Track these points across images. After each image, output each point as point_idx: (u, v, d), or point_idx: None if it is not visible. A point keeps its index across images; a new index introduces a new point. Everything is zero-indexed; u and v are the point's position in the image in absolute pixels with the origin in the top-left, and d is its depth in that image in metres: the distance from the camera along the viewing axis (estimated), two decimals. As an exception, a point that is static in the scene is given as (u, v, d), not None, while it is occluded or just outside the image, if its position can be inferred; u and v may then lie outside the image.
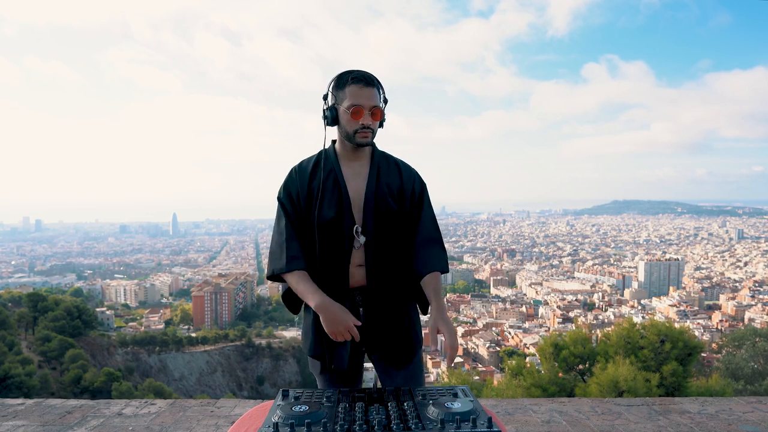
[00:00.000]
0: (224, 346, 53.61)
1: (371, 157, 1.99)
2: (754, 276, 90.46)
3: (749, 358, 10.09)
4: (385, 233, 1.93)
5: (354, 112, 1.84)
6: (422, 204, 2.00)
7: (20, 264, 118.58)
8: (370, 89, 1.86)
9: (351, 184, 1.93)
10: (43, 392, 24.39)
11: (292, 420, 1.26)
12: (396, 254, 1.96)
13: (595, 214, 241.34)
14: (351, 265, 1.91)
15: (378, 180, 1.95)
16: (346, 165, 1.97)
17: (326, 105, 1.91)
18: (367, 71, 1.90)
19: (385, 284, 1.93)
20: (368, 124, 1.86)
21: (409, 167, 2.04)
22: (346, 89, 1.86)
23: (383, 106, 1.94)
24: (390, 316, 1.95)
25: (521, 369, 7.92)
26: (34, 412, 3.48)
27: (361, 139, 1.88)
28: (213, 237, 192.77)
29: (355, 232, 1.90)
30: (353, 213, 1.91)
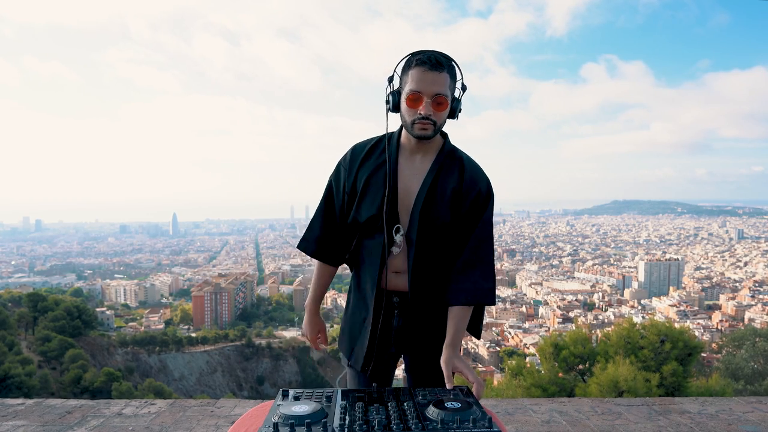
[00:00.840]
0: (224, 346, 53.63)
1: (438, 153, 1.73)
2: (754, 276, 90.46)
3: (749, 358, 10.09)
4: (433, 243, 1.71)
5: (411, 99, 1.60)
6: (479, 217, 1.71)
7: (20, 264, 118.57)
8: (435, 74, 1.58)
9: (404, 181, 1.70)
10: (43, 392, 24.40)
11: (292, 420, 1.26)
12: (441, 263, 1.74)
13: (595, 214, 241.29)
14: (389, 269, 1.73)
15: (436, 182, 1.69)
16: (405, 158, 1.73)
17: (390, 88, 1.67)
18: (441, 52, 1.62)
19: (426, 294, 1.74)
20: (428, 114, 1.60)
21: (477, 169, 1.74)
22: (410, 72, 1.61)
23: (456, 93, 1.68)
24: (427, 325, 1.78)
25: (521, 369, 7.92)
26: (34, 412, 3.48)
27: (420, 131, 1.62)
28: (213, 237, 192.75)
29: (395, 231, 1.70)
30: (399, 215, 1.70)
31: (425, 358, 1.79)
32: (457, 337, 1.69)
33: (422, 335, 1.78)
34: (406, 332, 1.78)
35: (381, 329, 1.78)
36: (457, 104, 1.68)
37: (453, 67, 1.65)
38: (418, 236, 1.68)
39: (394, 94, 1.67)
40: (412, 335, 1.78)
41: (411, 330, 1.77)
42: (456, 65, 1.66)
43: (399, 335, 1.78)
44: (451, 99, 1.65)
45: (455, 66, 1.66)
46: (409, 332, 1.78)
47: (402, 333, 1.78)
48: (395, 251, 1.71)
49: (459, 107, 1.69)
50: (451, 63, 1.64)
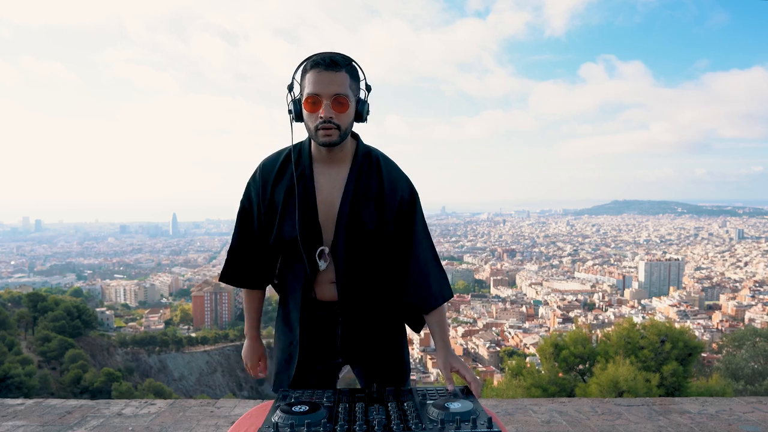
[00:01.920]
0: (224, 346, 53.64)
1: (353, 160, 1.63)
2: (754, 276, 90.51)
3: (749, 358, 10.09)
4: (360, 252, 1.64)
5: (309, 102, 1.50)
6: (413, 218, 1.66)
7: (20, 264, 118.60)
8: (331, 74, 1.48)
9: (324, 195, 1.61)
10: (43, 392, 24.39)
11: (292, 420, 1.26)
12: (374, 270, 1.69)
13: (595, 214, 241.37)
14: (321, 282, 1.66)
15: (357, 190, 1.61)
16: (320, 168, 1.63)
17: (291, 96, 1.57)
18: (339, 52, 1.52)
19: (360, 300, 1.68)
20: (328, 116, 1.49)
21: (394, 170, 1.68)
22: (307, 76, 1.51)
23: (360, 94, 1.58)
24: (370, 332, 1.72)
25: (521, 369, 7.92)
26: (33, 412, 3.48)
27: (324, 137, 1.51)
28: (213, 237, 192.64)
29: (319, 255, 1.61)
30: (323, 230, 1.61)
31: (375, 365, 1.75)
32: (446, 338, 1.69)
33: (368, 343, 1.72)
34: (350, 341, 1.70)
35: (320, 341, 1.71)
36: (363, 105, 1.58)
37: (354, 67, 1.55)
38: (346, 250, 1.61)
39: (295, 103, 1.56)
40: (357, 343, 1.71)
41: (355, 338, 1.70)
42: (357, 65, 1.56)
43: (344, 345, 1.70)
44: (356, 100, 1.56)
45: (356, 66, 1.56)
46: (354, 340, 1.70)
47: (346, 342, 1.70)
48: (322, 266, 1.62)
49: (366, 108, 1.59)
50: (351, 63, 1.54)
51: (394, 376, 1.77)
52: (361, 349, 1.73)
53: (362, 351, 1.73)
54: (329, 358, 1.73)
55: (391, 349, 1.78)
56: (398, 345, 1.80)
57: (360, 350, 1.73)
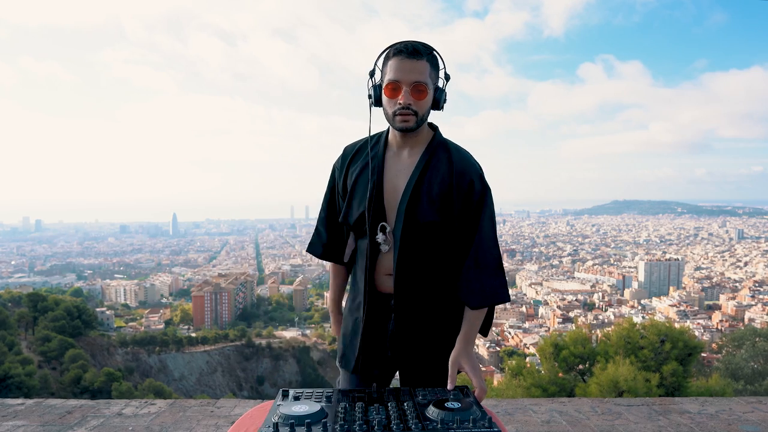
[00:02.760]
0: (224, 346, 53.62)
1: (426, 148, 1.65)
2: (754, 276, 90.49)
3: (749, 358, 10.09)
4: (420, 243, 1.63)
5: (389, 88, 1.55)
6: (480, 213, 1.62)
7: (20, 264, 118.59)
8: (413, 61, 1.53)
9: (391, 178, 1.64)
10: (43, 392, 24.39)
11: (292, 420, 1.26)
12: (432, 264, 1.67)
13: (595, 214, 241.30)
14: (380, 272, 1.68)
15: (423, 178, 1.61)
16: (393, 154, 1.67)
17: (372, 82, 1.62)
18: (421, 41, 1.56)
19: (415, 294, 1.67)
20: (407, 103, 1.53)
21: (468, 161, 1.65)
22: (389, 63, 1.56)
23: (440, 83, 1.62)
24: (422, 329, 1.69)
25: (521, 369, 7.92)
26: (34, 412, 3.48)
27: (401, 122, 1.56)
28: (213, 237, 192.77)
29: (380, 229, 1.63)
30: (386, 213, 1.64)
31: (418, 364, 1.72)
32: (469, 336, 1.64)
33: (417, 340, 1.69)
34: (401, 336, 1.69)
35: (375, 332, 1.72)
36: (441, 94, 1.62)
37: (434, 56, 1.59)
38: (403, 234, 1.61)
39: (375, 88, 1.61)
40: (406, 340, 1.69)
41: (405, 334, 1.69)
42: (437, 54, 1.60)
43: (394, 339, 1.70)
44: (434, 89, 1.60)
45: (437, 55, 1.60)
46: (404, 337, 1.69)
47: (396, 337, 1.70)
48: (383, 249, 1.65)
49: (443, 97, 1.63)
50: (432, 51, 1.58)
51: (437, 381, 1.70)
52: (409, 345, 1.70)
53: (410, 348, 1.70)
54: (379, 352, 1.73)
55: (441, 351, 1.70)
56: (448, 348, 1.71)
57: (408, 347, 1.70)
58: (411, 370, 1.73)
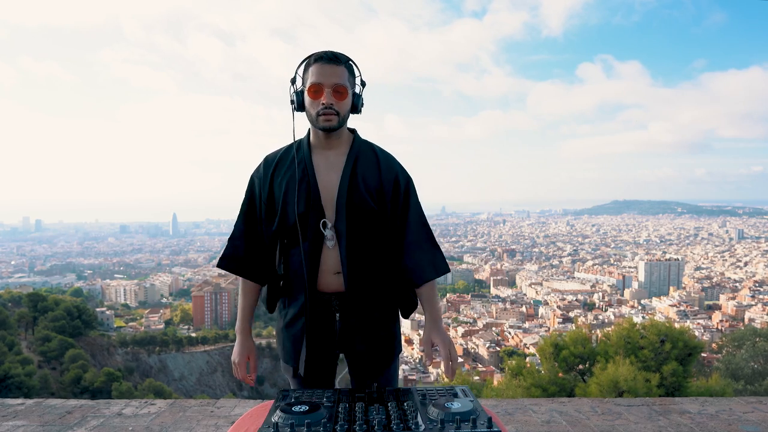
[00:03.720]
0: (224, 346, 53.58)
1: (350, 147, 1.77)
2: (754, 276, 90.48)
3: (749, 358, 10.09)
4: (362, 233, 1.73)
5: (312, 90, 1.66)
6: (408, 201, 1.78)
7: (20, 264, 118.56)
8: (333, 66, 1.66)
9: (323, 176, 1.73)
10: (43, 392, 24.39)
11: (292, 420, 1.26)
12: (376, 257, 1.77)
13: (595, 214, 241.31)
14: (325, 272, 1.73)
15: (354, 172, 1.73)
16: (319, 155, 1.76)
17: (293, 89, 1.73)
18: (338, 51, 1.70)
19: (364, 290, 1.75)
20: (329, 103, 1.65)
21: (391, 159, 1.81)
22: (310, 69, 1.69)
23: (357, 88, 1.75)
24: (368, 323, 1.78)
25: (521, 369, 7.92)
26: (34, 412, 3.48)
27: (324, 122, 1.67)
28: (213, 237, 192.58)
29: (322, 225, 1.69)
30: (325, 209, 1.71)
31: (367, 357, 1.80)
32: (435, 313, 1.77)
33: (364, 335, 1.78)
34: (348, 333, 1.76)
35: (322, 332, 1.76)
36: (358, 99, 1.76)
37: (350, 65, 1.73)
38: (348, 226, 1.70)
39: (298, 94, 1.72)
40: (354, 336, 1.77)
41: (353, 331, 1.76)
42: (354, 63, 1.74)
43: (342, 337, 1.77)
44: (352, 93, 1.73)
45: (353, 64, 1.74)
46: (351, 333, 1.76)
47: (344, 334, 1.77)
48: (329, 245, 1.71)
49: (361, 101, 1.77)
50: (349, 60, 1.72)
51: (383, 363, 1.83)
52: (357, 341, 1.78)
53: (358, 343, 1.78)
54: (327, 350, 1.79)
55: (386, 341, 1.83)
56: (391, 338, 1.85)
57: (356, 343, 1.78)
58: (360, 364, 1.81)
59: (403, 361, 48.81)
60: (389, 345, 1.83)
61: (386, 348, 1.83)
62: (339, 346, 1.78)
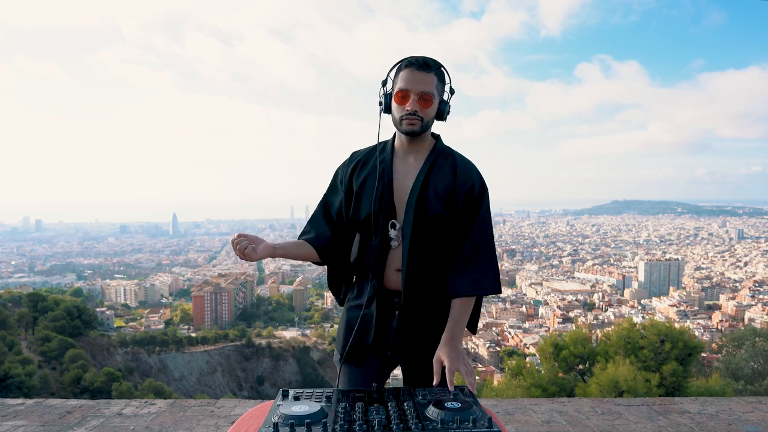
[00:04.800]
0: (224, 346, 53.63)
1: (430, 152, 1.80)
2: (754, 276, 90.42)
3: (749, 358, 10.08)
4: (428, 237, 1.75)
5: (399, 96, 1.71)
6: (478, 211, 1.76)
7: (20, 264, 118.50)
8: (422, 74, 1.69)
9: (399, 179, 1.78)
10: (43, 392, 24.38)
11: (292, 420, 1.26)
12: (440, 261, 1.78)
13: (595, 214, 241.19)
14: (388, 268, 1.77)
15: (428, 177, 1.76)
16: (400, 158, 1.81)
17: (383, 91, 1.78)
18: (431, 57, 1.74)
19: (422, 291, 1.76)
20: (414, 110, 1.69)
21: (469, 165, 1.81)
22: (400, 74, 1.73)
23: (445, 96, 1.78)
24: (427, 325, 1.78)
25: (521, 369, 7.92)
26: (34, 412, 3.48)
27: (407, 126, 1.71)
28: (213, 237, 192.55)
29: (391, 225, 1.75)
30: (396, 211, 1.76)
31: (419, 362, 1.78)
32: (453, 331, 1.72)
33: (420, 338, 1.77)
34: (405, 335, 1.77)
35: (380, 330, 1.79)
36: (445, 106, 1.78)
37: (441, 71, 1.75)
38: (413, 230, 1.72)
39: (386, 96, 1.77)
40: (409, 338, 1.77)
41: (409, 332, 1.77)
42: (445, 70, 1.77)
43: (397, 338, 1.78)
44: (439, 101, 1.75)
45: (444, 70, 1.77)
46: (408, 335, 1.77)
47: (400, 335, 1.78)
48: (393, 245, 1.75)
49: (447, 109, 1.79)
50: (440, 67, 1.75)
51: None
52: (412, 344, 1.78)
53: (413, 347, 1.78)
54: (381, 350, 1.80)
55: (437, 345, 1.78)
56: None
57: (411, 346, 1.78)
58: (412, 368, 1.79)
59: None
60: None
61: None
62: (393, 346, 1.79)
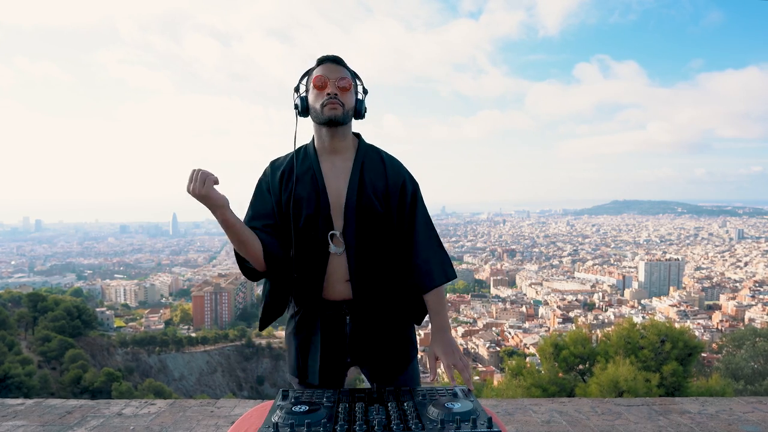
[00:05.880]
0: (224, 346, 53.62)
1: (356, 151, 1.74)
2: (754, 276, 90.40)
3: (749, 358, 10.09)
4: (371, 239, 1.69)
5: (317, 81, 1.65)
6: (415, 206, 1.73)
7: (20, 264, 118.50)
8: (337, 66, 1.67)
9: (330, 182, 1.69)
10: (43, 392, 24.38)
11: (292, 420, 1.26)
12: (384, 263, 1.73)
13: (595, 214, 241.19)
14: (333, 279, 1.69)
15: (362, 177, 1.69)
16: (326, 160, 1.72)
17: (297, 95, 1.72)
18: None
19: (372, 297, 1.72)
20: (334, 92, 1.63)
21: (397, 163, 1.77)
22: (314, 71, 1.69)
23: (359, 95, 1.73)
24: (380, 329, 1.75)
25: (521, 369, 7.92)
26: (34, 412, 3.48)
27: (330, 111, 1.62)
28: (213, 237, 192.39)
29: (330, 237, 1.66)
30: (332, 216, 1.67)
31: (384, 366, 1.77)
32: (441, 323, 1.72)
33: (376, 342, 1.75)
34: (359, 341, 1.74)
35: (332, 340, 1.73)
36: (361, 104, 1.73)
37: (353, 71, 1.73)
38: (357, 233, 1.67)
39: (302, 99, 1.71)
40: (365, 344, 1.74)
41: (364, 338, 1.74)
42: (355, 73, 1.74)
43: (352, 345, 1.74)
44: (355, 99, 1.71)
45: (355, 73, 1.74)
46: (363, 341, 1.74)
47: (355, 342, 1.74)
48: (337, 252, 1.67)
49: (363, 107, 1.73)
50: (350, 67, 1.72)
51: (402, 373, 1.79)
52: (369, 348, 1.75)
53: (370, 351, 1.75)
54: (338, 359, 1.76)
55: (399, 346, 1.80)
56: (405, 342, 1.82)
57: (368, 350, 1.75)
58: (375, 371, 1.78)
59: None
60: (403, 350, 1.80)
61: (400, 353, 1.79)
62: (350, 354, 1.75)
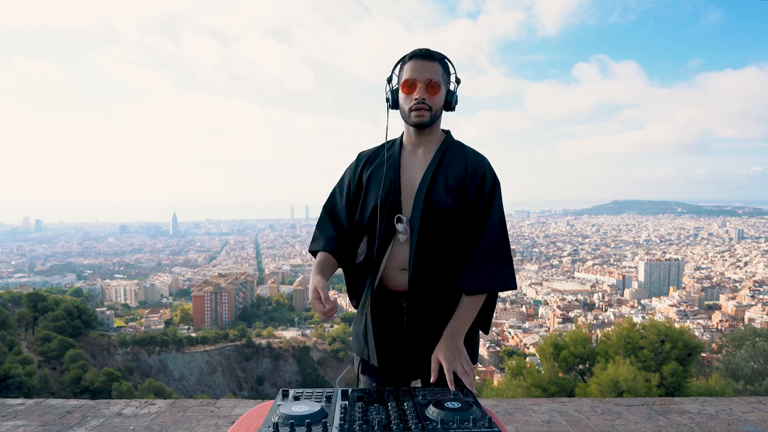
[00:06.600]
0: (224, 346, 53.63)
1: (440, 145, 1.74)
2: (754, 276, 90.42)
3: (749, 358, 10.08)
4: (437, 232, 1.66)
5: (405, 85, 1.66)
6: (491, 204, 1.67)
7: (20, 264, 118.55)
8: (427, 63, 1.66)
9: (407, 173, 1.71)
10: (43, 392, 24.38)
11: (292, 420, 1.26)
12: (446, 258, 1.69)
13: (595, 214, 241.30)
14: (392, 268, 1.69)
15: (438, 169, 1.69)
16: (409, 153, 1.75)
17: (389, 87, 1.73)
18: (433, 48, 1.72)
19: (430, 291, 1.68)
20: (422, 97, 1.64)
21: (481, 158, 1.74)
22: (405, 67, 1.69)
23: (451, 85, 1.73)
24: (436, 326, 1.69)
25: (521, 369, 7.92)
26: (34, 412, 3.48)
27: (416, 117, 1.66)
28: (213, 237, 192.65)
29: (396, 220, 1.66)
30: (402, 205, 1.68)
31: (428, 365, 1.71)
32: (457, 328, 1.65)
33: (431, 339, 1.69)
34: (415, 335, 1.70)
35: (389, 332, 1.72)
36: (452, 96, 1.73)
37: (445, 62, 1.72)
38: (421, 223, 1.65)
39: (393, 92, 1.73)
40: (421, 340, 1.70)
41: (420, 334, 1.70)
42: (449, 61, 1.73)
43: (408, 340, 1.70)
44: (446, 90, 1.71)
45: (448, 61, 1.73)
46: (418, 336, 1.70)
47: (411, 336, 1.70)
48: (401, 238, 1.67)
49: (454, 98, 1.74)
50: (444, 57, 1.71)
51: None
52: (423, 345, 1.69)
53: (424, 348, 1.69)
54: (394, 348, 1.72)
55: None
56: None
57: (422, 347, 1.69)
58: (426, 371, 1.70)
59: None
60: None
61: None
62: (406, 347, 1.71)
